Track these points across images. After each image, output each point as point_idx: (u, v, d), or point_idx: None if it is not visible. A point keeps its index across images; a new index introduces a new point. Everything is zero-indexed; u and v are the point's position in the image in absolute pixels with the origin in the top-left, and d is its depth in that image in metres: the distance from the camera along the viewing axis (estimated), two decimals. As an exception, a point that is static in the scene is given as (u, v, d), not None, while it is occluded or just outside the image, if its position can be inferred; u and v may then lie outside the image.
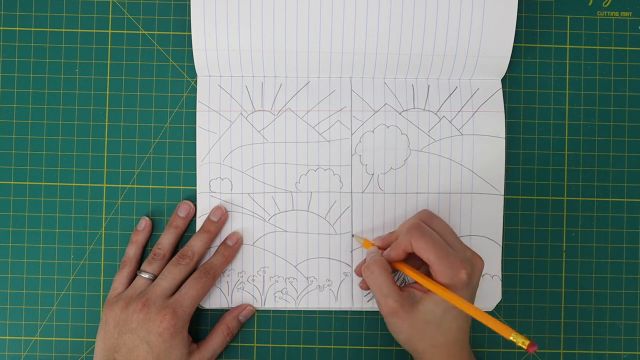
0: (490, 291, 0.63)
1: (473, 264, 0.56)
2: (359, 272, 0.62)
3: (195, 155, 0.64)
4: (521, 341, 0.51)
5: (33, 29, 0.64)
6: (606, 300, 0.64)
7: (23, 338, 0.64)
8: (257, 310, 0.64)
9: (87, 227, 0.64)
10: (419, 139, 0.63)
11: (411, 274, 0.57)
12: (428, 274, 0.57)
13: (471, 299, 0.57)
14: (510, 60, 0.63)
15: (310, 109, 0.63)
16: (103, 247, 0.64)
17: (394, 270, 0.60)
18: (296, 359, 0.64)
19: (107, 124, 0.64)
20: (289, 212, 0.63)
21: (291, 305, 0.63)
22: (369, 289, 0.61)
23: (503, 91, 0.64)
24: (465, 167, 0.63)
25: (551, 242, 0.64)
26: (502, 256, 0.63)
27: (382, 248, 0.60)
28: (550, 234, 0.64)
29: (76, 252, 0.64)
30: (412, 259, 0.59)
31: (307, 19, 0.61)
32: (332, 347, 0.64)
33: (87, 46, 0.64)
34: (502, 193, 0.63)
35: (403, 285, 0.60)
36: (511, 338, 0.52)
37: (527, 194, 0.65)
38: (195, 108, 0.64)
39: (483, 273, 0.63)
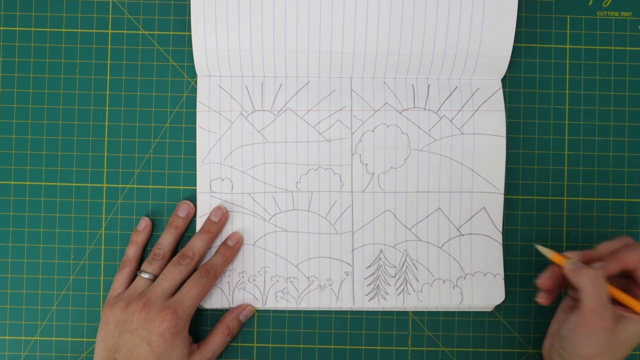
0: (492, 290, 0.63)
1: None
2: (546, 285, 0.59)
3: (195, 155, 0.64)
4: None
5: (33, 29, 0.64)
6: (606, 300, 0.64)
7: (23, 338, 0.63)
8: (258, 310, 0.64)
9: (87, 227, 0.64)
10: (419, 138, 0.63)
11: (627, 300, 0.56)
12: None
13: None
14: (510, 60, 0.63)
15: (310, 109, 0.63)
16: (103, 247, 0.64)
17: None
18: (296, 359, 0.64)
19: (107, 124, 0.64)
20: (290, 212, 0.63)
21: (292, 305, 0.63)
22: (549, 303, 0.59)
23: (503, 91, 0.64)
24: (465, 166, 0.63)
25: (551, 242, 0.64)
26: (502, 255, 0.63)
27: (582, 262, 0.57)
28: (550, 234, 0.64)
29: (76, 252, 0.64)
30: None
31: (307, 19, 0.61)
32: (332, 347, 0.64)
33: (87, 46, 0.64)
34: (503, 192, 0.63)
35: None
36: None
37: (527, 194, 0.65)
38: (195, 108, 0.64)
39: (485, 272, 0.63)
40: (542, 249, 0.58)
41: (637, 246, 0.56)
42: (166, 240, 0.62)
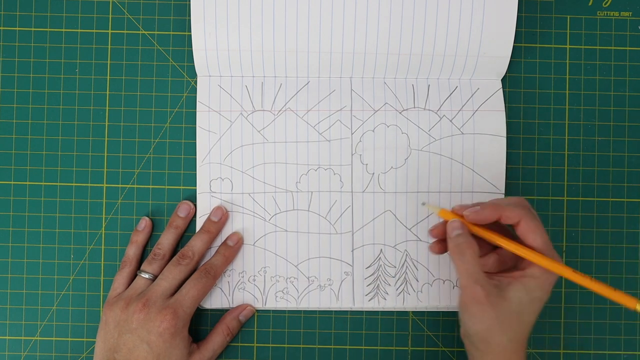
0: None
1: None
2: (435, 234, 0.58)
3: (195, 155, 0.64)
4: None
5: (33, 29, 0.64)
6: (606, 301, 0.64)
7: (23, 338, 0.63)
8: (257, 310, 0.64)
9: (87, 227, 0.64)
10: (419, 138, 0.63)
11: (507, 243, 0.54)
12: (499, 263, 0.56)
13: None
14: (510, 60, 0.63)
15: (310, 109, 0.63)
16: (103, 247, 0.64)
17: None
18: (296, 359, 0.64)
19: (107, 124, 0.64)
20: (290, 212, 0.63)
21: (292, 305, 0.63)
22: (441, 252, 0.58)
23: (503, 91, 0.64)
24: (465, 166, 0.63)
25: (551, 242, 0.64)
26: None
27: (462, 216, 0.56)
28: (550, 234, 0.64)
29: (76, 252, 0.64)
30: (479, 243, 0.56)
31: (307, 19, 0.61)
32: (332, 347, 0.64)
33: (87, 46, 0.64)
34: (503, 191, 0.63)
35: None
36: (638, 307, 0.51)
37: (527, 194, 0.65)
38: (195, 108, 0.64)
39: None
40: (429, 206, 0.58)
41: (522, 205, 0.55)
42: (166, 240, 0.62)
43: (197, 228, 0.63)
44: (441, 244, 0.59)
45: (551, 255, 0.54)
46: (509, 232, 0.57)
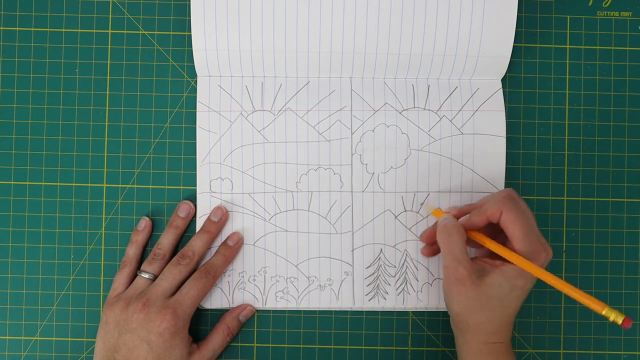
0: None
1: (547, 251, 0.56)
2: (425, 239, 0.61)
3: (195, 155, 0.64)
4: (614, 316, 0.51)
5: (33, 29, 0.64)
6: (606, 300, 0.64)
7: (23, 338, 0.63)
8: (257, 310, 0.64)
9: (87, 227, 0.64)
10: (419, 138, 0.63)
11: (489, 244, 0.57)
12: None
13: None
14: (510, 60, 0.63)
15: (310, 109, 0.63)
16: (103, 247, 0.64)
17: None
18: (296, 359, 0.64)
19: (107, 124, 0.64)
20: (290, 212, 0.63)
21: (292, 305, 0.63)
22: (432, 255, 0.60)
23: (503, 91, 0.64)
24: (465, 167, 0.63)
25: (551, 242, 0.64)
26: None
27: (456, 217, 0.59)
28: (550, 234, 0.64)
29: (76, 252, 0.64)
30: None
31: (307, 19, 0.61)
32: (332, 347, 0.64)
33: (87, 46, 0.64)
34: (503, 192, 0.63)
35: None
36: (603, 313, 0.51)
37: (527, 194, 0.65)
38: (195, 108, 0.64)
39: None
40: (426, 206, 0.62)
41: (502, 198, 0.56)
42: (166, 240, 0.62)
43: (197, 228, 0.63)
44: (432, 247, 0.62)
45: (531, 244, 0.55)
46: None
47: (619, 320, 0.51)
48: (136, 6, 0.64)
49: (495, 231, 0.58)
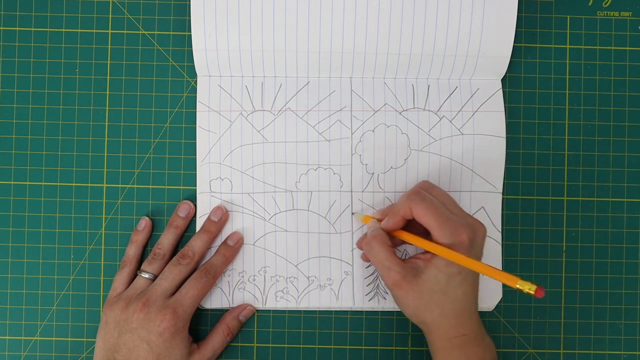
0: (491, 290, 0.63)
1: (474, 228, 0.56)
2: (359, 246, 0.62)
3: (195, 155, 0.64)
4: (527, 287, 0.51)
5: (33, 29, 0.64)
6: (606, 300, 0.64)
7: (23, 338, 0.64)
8: (257, 310, 0.64)
9: (87, 227, 0.64)
10: (419, 139, 0.63)
11: (411, 239, 0.57)
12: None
13: None
14: (510, 60, 0.63)
15: (310, 109, 0.63)
16: (103, 247, 0.64)
17: (397, 244, 0.60)
18: (296, 359, 0.64)
19: (107, 124, 0.64)
20: (289, 212, 0.63)
21: (292, 305, 0.63)
22: (369, 260, 0.60)
23: (503, 91, 0.64)
24: (465, 167, 0.63)
25: (551, 242, 0.64)
26: (502, 255, 0.63)
27: (381, 220, 0.60)
28: (550, 234, 0.64)
29: (76, 252, 0.64)
30: (411, 230, 0.59)
31: (307, 19, 0.61)
32: (332, 347, 0.64)
33: (87, 46, 0.64)
34: (501, 191, 0.63)
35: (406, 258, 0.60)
36: (517, 286, 0.52)
37: (527, 194, 0.65)
38: (195, 108, 0.64)
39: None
40: (356, 215, 0.62)
41: (410, 194, 0.57)
42: (166, 240, 0.62)
43: (197, 228, 0.63)
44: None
45: (449, 230, 0.55)
46: None
47: (532, 291, 0.51)
48: (136, 6, 0.64)
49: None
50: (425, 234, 0.58)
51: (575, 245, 0.65)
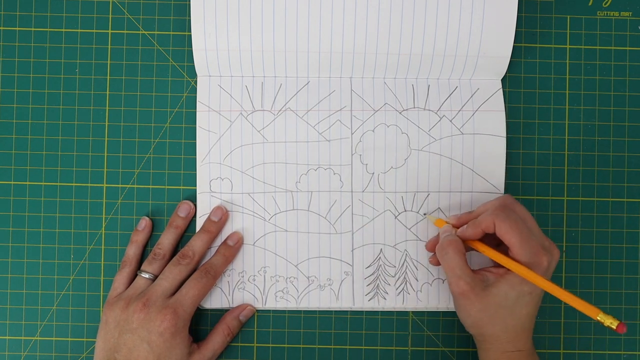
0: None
1: (551, 250, 0.56)
2: (430, 248, 0.62)
3: (195, 155, 0.64)
4: (609, 322, 0.51)
5: (33, 29, 0.64)
6: (606, 300, 0.64)
7: (23, 338, 0.63)
8: (257, 310, 0.64)
9: (87, 227, 0.64)
10: (419, 138, 0.63)
11: (487, 252, 0.57)
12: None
13: None
14: (510, 60, 0.63)
15: (310, 109, 0.63)
16: (103, 247, 0.64)
17: (467, 249, 0.60)
18: (296, 359, 0.64)
19: (107, 124, 0.64)
20: (290, 212, 0.63)
21: (292, 305, 0.63)
22: (439, 264, 0.60)
23: (503, 91, 0.64)
24: (465, 166, 0.63)
25: (551, 242, 0.64)
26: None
27: (456, 226, 0.59)
28: (550, 234, 0.64)
29: (76, 252, 0.64)
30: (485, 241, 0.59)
31: (307, 19, 0.61)
32: (332, 347, 0.64)
33: (87, 46, 0.64)
34: (502, 191, 0.63)
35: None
36: (598, 318, 0.52)
37: (527, 194, 0.65)
38: (195, 108, 0.64)
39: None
40: (429, 216, 0.62)
41: (495, 209, 0.57)
42: (166, 240, 0.62)
43: (197, 228, 0.63)
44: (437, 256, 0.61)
45: (530, 250, 0.55)
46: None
47: (613, 326, 0.51)
48: (136, 6, 0.64)
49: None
50: (496, 246, 0.58)
51: (575, 245, 0.65)
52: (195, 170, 0.64)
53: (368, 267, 0.63)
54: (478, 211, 0.59)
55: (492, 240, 0.58)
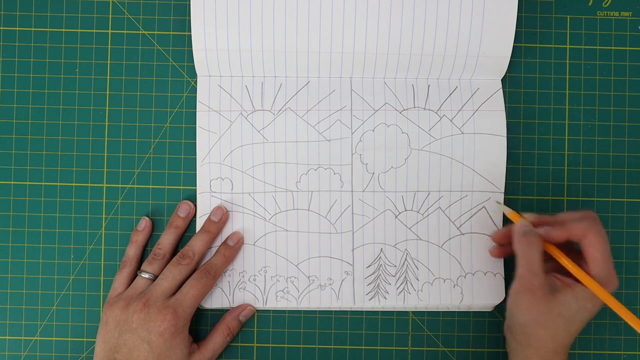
0: (493, 289, 0.63)
1: (616, 281, 0.56)
2: (497, 239, 0.61)
3: (195, 155, 0.64)
4: None
5: (33, 29, 0.64)
6: (606, 300, 0.65)
7: (23, 338, 0.63)
8: (257, 310, 0.64)
9: (87, 227, 0.64)
10: (419, 138, 0.63)
11: (564, 260, 0.56)
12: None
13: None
14: (510, 60, 0.63)
15: (310, 109, 0.63)
16: (103, 247, 0.64)
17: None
18: (296, 359, 0.64)
19: (107, 124, 0.64)
20: (290, 212, 0.63)
21: (292, 305, 0.63)
22: (500, 256, 0.59)
23: (503, 91, 0.64)
24: (465, 166, 0.63)
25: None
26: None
27: (534, 224, 0.58)
28: (551, 233, 0.64)
29: (76, 252, 0.64)
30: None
31: (307, 19, 0.61)
32: (332, 347, 0.64)
33: (87, 46, 0.64)
34: (503, 191, 0.63)
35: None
36: None
37: (527, 194, 0.65)
38: (195, 108, 0.64)
39: (485, 271, 0.63)
40: (502, 206, 0.61)
41: (588, 219, 0.56)
42: (166, 240, 0.62)
43: (197, 228, 0.63)
44: (502, 249, 0.62)
45: (607, 270, 0.55)
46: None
47: None
48: (136, 6, 0.64)
49: (566, 248, 0.58)
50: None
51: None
52: (195, 170, 0.64)
53: (368, 266, 0.63)
54: (561, 217, 0.57)
55: (561, 250, 0.58)
